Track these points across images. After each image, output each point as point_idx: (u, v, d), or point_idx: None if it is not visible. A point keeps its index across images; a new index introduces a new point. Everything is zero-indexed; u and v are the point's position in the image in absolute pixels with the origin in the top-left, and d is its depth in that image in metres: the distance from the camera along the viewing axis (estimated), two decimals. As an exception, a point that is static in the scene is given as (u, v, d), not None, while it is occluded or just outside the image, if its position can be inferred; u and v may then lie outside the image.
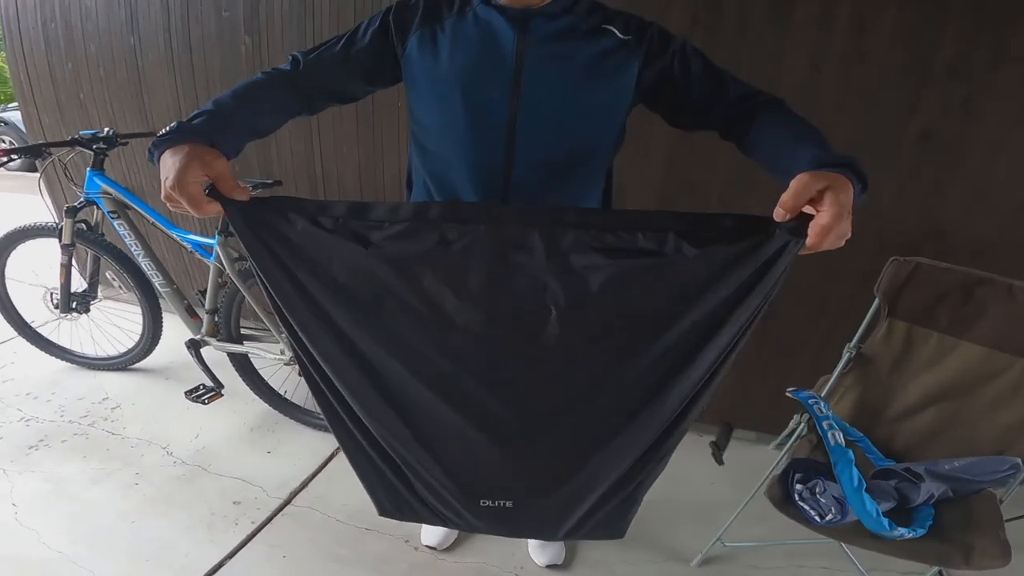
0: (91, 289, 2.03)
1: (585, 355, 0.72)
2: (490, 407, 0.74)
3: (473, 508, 0.83)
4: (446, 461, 0.79)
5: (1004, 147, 1.34)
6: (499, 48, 0.83)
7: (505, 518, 0.83)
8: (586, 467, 0.78)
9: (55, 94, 2.16)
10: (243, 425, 1.99)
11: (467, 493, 0.81)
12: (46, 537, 1.53)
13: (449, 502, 0.84)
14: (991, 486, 1.24)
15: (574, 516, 0.84)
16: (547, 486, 0.80)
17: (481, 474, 0.80)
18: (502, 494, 0.81)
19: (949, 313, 1.26)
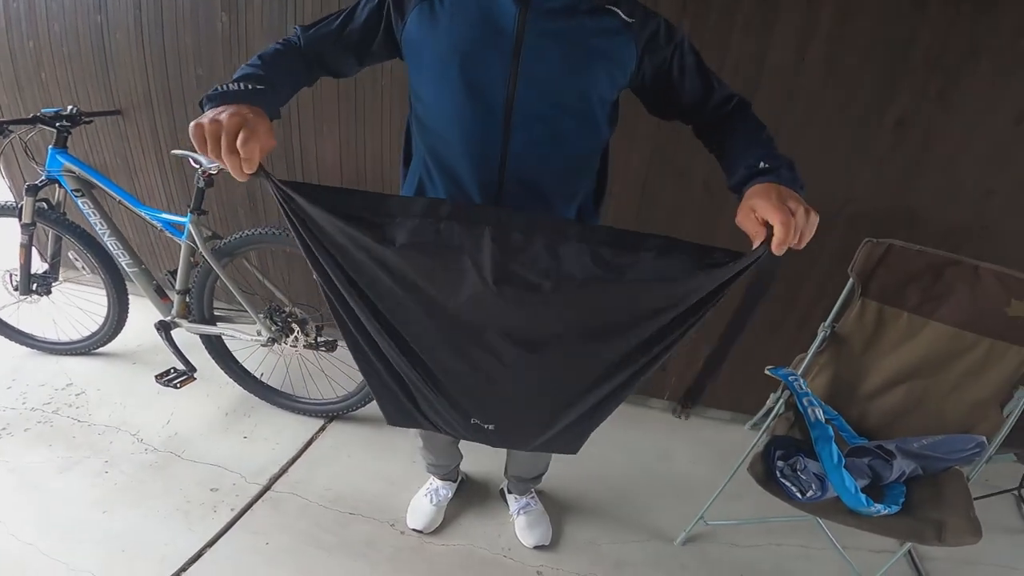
0: (52, 270, 1.97)
1: (565, 332, 0.84)
2: (485, 356, 0.88)
3: (464, 424, 1.00)
4: (448, 391, 0.95)
5: (975, 136, 1.42)
6: (499, 22, 0.84)
7: (488, 435, 1.03)
8: (553, 413, 0.96)
9: (14, 73, 2.09)
10: (217, 410, 1.96)
11: (462, 413, 0.98)
12: (14, 529, 1.49)
13: (445, 417, 1.01)
14: (958, 464, 1.32)
15: (540, 440, 1.03)
16: (522, 421, 1.00)
17: (473, 403, 0.97)
18: (487, 419, 0.99)
19: (919, 293, 1.33)
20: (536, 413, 0.96)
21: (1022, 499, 1.79)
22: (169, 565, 1.42)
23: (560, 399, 0.93)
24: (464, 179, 0.92)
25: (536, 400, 0.93)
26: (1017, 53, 1.31)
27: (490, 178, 0.91)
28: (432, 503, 1.58)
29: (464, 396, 0.95)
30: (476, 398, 0.96)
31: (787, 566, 1.54)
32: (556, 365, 0.88)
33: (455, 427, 1.03)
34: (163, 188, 2.15)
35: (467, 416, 0.98)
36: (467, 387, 0.93)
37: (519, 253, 0.75)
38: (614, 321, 0.81)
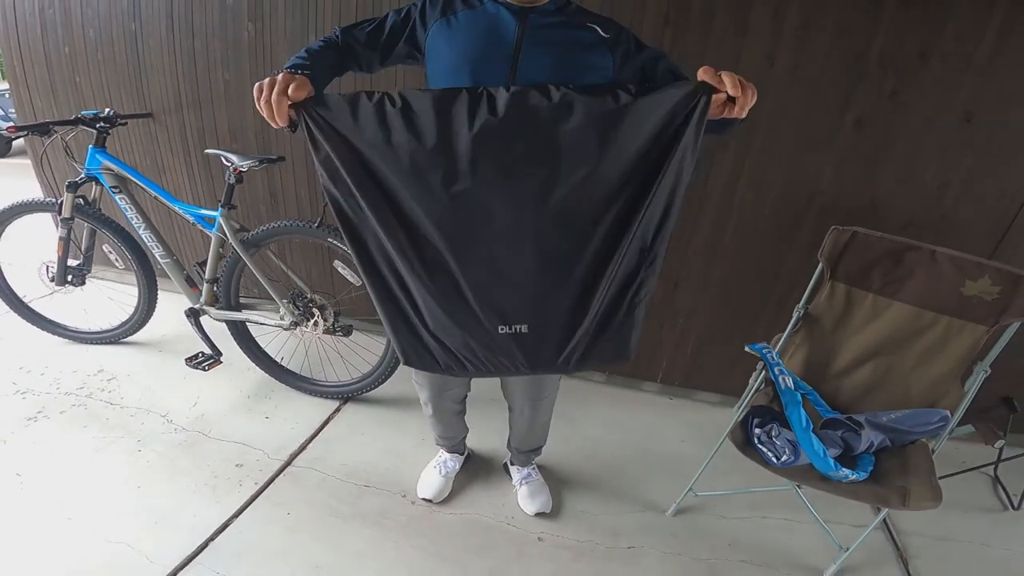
0: (86, 263, 2.13)
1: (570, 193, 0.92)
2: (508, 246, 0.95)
3: (493, 336, 1.01)
4: (476, 290, 0.98)
5: (927, 133, 1.57)
6: (502, 35, 1.06)
7: (521, 342, 1.01)
8: (579, 297, 0.99)
9: (49, 78, 2.25)
10: (240, 392, 2.12)
11: (491, 320, 0.99)
12: (53, 504, 1.62)
13: (470, 336, 1.01)
14: (924, 436, 1.44)
15: (579, 337, 1.02)
16: (554, 311, 1.00)
17: (503, 299, 0.99)
18: (520, 318, 1.00)
19: (882, 276, 1.49)
20: (564, 297, 0.98)
21: (997, 479, 1.89)
22: (199, 535, 1.54)
23: (578, 276, 0.96)
24: None
25: (557, 282, 0.96)
26: (963, 56, 1.46)
27: None
28: (441, 474, 1.73)
29: (494, 291, 0.97)
30: (506, 291, 0.97)
31: (771, 537, 1.65)
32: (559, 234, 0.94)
33: (477, 347, 1.02)
34: (190, 186, 2.31)
35: (496, 324, 0.98)
36: (493, 278, 0.96)
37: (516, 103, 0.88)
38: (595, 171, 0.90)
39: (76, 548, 1.50)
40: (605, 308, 1.01)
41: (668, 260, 1.86)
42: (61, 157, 2.21)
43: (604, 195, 0.92)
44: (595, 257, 0.96)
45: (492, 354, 1.04)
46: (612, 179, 0.91)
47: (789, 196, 1.74)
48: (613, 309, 1.02)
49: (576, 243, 0.95)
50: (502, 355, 1.04)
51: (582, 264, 0.97)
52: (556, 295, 0.99)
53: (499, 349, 1.03)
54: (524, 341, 1.01)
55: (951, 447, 1.52)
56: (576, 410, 2.12)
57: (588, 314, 0.99)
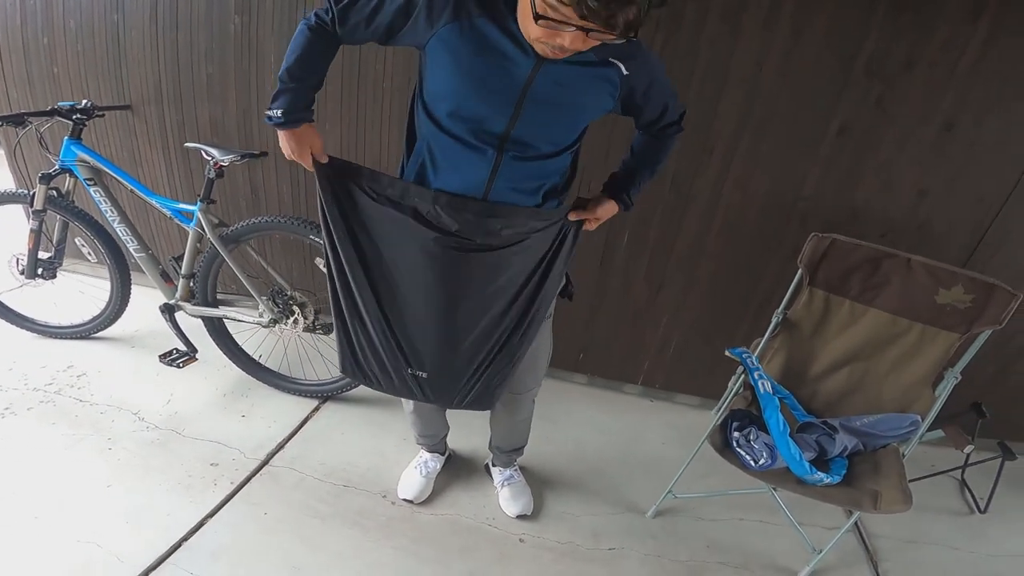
0: (57, 256, 2.07)
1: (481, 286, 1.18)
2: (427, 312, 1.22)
3: (403, 374, 1.31)
4: (400, 339, 1.28)
5: (908, 142, 1.60)
6: (516, 65, 0.94)
7: (421, 383, 1.33)
8: (466, 356, 1.28)
9: (26, 68, 2.19)
10: (215, 390, 2.07)
11: (403, 362, 1.30)
12: (21, 502, 1.56)
13: (388, 369, 1.32)
14: (895, 441, 1.47)
15: (460, 388, 1.33)
16: (444, 364, 1.30)
17: (413, 352, 1.28)
18: (420, 367, 1.30)
19: (860, 283, 1.51)
20: (455, 357, 1.27)
21: (964, 483, 1.95)
22: (172, 534, 1.51)
23: (470, 344, 1.25)
24: (457, 183, 1.07)
25: (454, 345, 1.25)
26: (947, 65, 1.49)
27: (480, 179, 1.06)
28: (422, 475, 1.71)
29: (412, 344, 1.27)
30: (418, 346, 1.27)
31: (748, 538, 1.68)
32: (468, 314, 1.21)
33: (393, 378, 1.33)
34: (167, 179, 2.26)
35: (406, 365, 1.29)
36: (413, 332, 1.26)
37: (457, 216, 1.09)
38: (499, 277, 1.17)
39: (43, 548, 1.46)
40: (479, 379, 1.33)
41: (653, 262, 1.95)
42: (35, 148, 2.16)
43: (493, 302, 1.21)
44: (478, 340, 1.25)
45: (403, 385, 1.34)
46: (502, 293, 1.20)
47: (773, 201, 1.76)
48: (486, 378, 1.33)
49: (468, 330, 1.23)
50: (409, 387, 1.34)
51: (468, 343, 1.25)
52: (448, 360, 1.28)
53: (408, 383, 1.33)
54: (423, 383, 1.33)
55: (920, 451, 1.56)
56: (558, 411, 2.12)
57: (464, 380, 1.32)
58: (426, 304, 1.21)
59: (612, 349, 2.16)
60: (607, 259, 1.98)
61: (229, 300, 2.00)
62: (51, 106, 1.82)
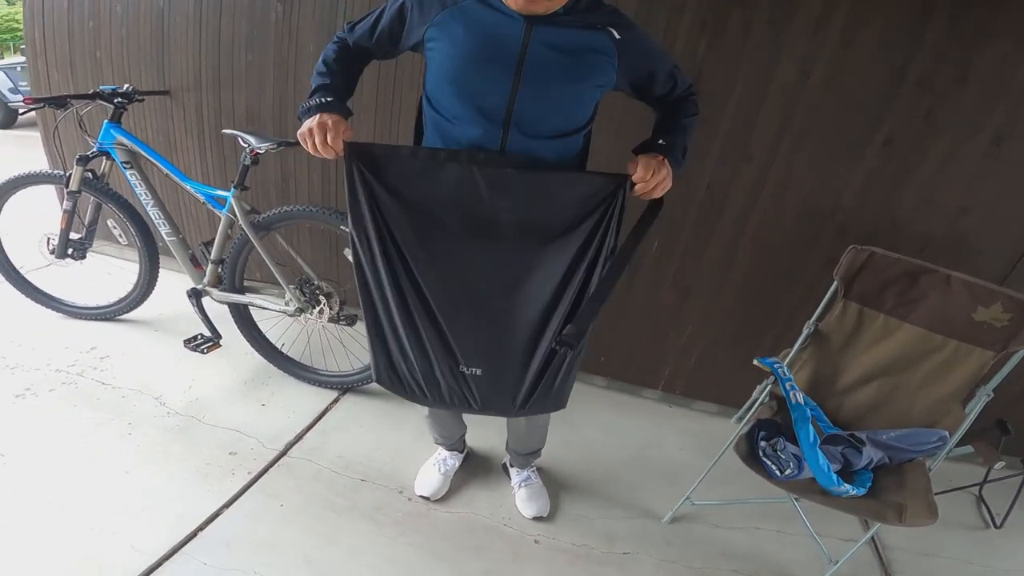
0: (88, 237, 2.04)
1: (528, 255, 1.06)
2: (475, 298, 1.09)
3: (455, 372, 1.15)
4: (447, 334, 1.12)
5: (955, 156, 1.52)
6: (508, 37, 0.96)
7: (476, 383, 1.16)
8: (528, 347, 1.12)
9: (70, 51, 2.17)
10: (237, 378, 2.01)
11: (454, 359, 1.14)
12: (36, 487, 1.51)
13: (435, 372, 1.15)
14: (922, 456, 1.40)
15: (523, 389, 1.16)
16: (504, 361, 1.14)
17: (465, 342, 1.12)
18: (474, 363, 1.14)
19: (895, 297, 1.44)
20: (512, 353, 1.12)
21: (981, 499, 1.87)
22: (187, 524, 1.46)
23: (527, 331, 1.11)
24: None
25: (510, 332, 1.11)
26: (1000, 81, 1.41)
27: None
28: (440, 472, 1.65)
29: (464, 336, 1.11)
30: (472, 337, 1.12)
31: (763, 548, 1.61)
32: (522, 297, 1.08)
33: (440, 382, 1.16)
34: (200, 165, 2.21)
35: (456, 363, 1.13)
36: (462, 323, 1.10)
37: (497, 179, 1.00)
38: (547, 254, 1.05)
39: (57, 534, 1.40)
40: (541, 367, 1.14)
41: (682, 268, 1.86)
42: (72, 130, 2.12)
43: (546, 272, 1.06)
44: (538, 323, 1.10)
45: (451, 389, 1.17)
46: (553, 260, 1.06)
47: (810, 210, 1.68)
48: (548, 368, 1.15)
49: (524, 310, 1.09)
50: (459, 390, 1.17)
51: (527, 326, 1.10)
52: (506, 350, 1.13)
53: (459, 385, 1.16)
54: (477, 383, 1.16)
55: (939, 467, 1.49)
56: (577, 414, 2.04)
57: (529, 370, 1.14)
58: (473, 289, 1.08)
59: (634, 354, 2.09)
60: (635, 263, 1.90)
61: (255, 288, 1.94)
62: (93, 89, 1.80)
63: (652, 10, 1.56)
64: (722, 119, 1.61)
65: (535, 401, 1.17)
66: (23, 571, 1.30)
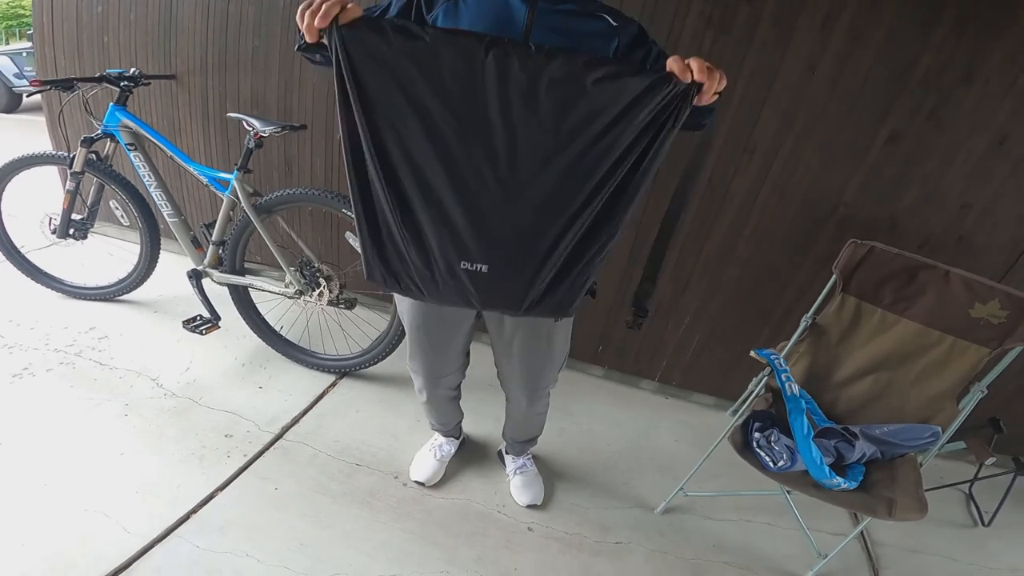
0: (90, 218, 2.00)
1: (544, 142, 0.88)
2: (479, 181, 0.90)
3: (454, 270, 0.97)
4: (445, 224, 0.94)
5: (958, 154, 1.48)
6: (511, 21, 0.96)
7: (480, 280, 0.98)
8: (542, 248, 0.95)
9: (77, 35, 2.12)
10: (234, 360, 1.97)
11: (455, 252, 0.96)
12: (31, 468, 1.47)
13: (433, 265, 0.98)
14: (914, 451, 1.37)
15: (533, 291, 0.99)
16: (515, 257, 0.96)
17: (471, 233, 0.94)
18: (481, 258, 0.96)
19: (893, 292, 1.41)
20: (528, 246, 0.95)
21: (971, 496, 1.84)
22: (181, 506, 1.42)
23: (544, 227, 0.94)
24: None
25: (526, 230, 0.94)
26: (1006, 81, 1.37)
27: None
28: (436, 458, 1.61)
29: (469, 228, 0.93)
30: (478, 231, 0.94)
31: (754, 540, 1.58)
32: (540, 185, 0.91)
33: (438, 278, 0.99)
34: (204, 148, 2.17)
35: (458, 258, 0.96)
36: (472, 217, 0.92)
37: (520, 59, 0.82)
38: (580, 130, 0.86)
39: (49, 516, 1.36)
40: (559, 270, 0.98)
41: (679, 260, 1.81)
42: (77, 113, 2.08)
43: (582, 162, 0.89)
44: (564, 218, 0.93)
45: (447, 285, 1.00)
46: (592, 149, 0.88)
47: (811, 205, 1.64)
48: (566, 272, 0.98)
49: (550, 202, 0.92)
50: (458, 288, 1.00)
51: (546, 225, 0.94)
52: (519, 245, 0.96)
53: (457, 282, 0.99)
54: (481, 280, 0.98)
55: (930, 463, 1.46)
56: (574, 403, 2.01)
57: (543, 271, 0.97)
58: (484, 181, 0.91)
59: (631, 344, 2.05)
60: (634, 254, 1.86)
61: (255, 270, 1.88)
62: (100, 73, 1.76)
63: (659, 4, 1.52)
64: (726, 112, 1.57)
65: (545, 304, 1.01)
66: (15, 552, 1.26)
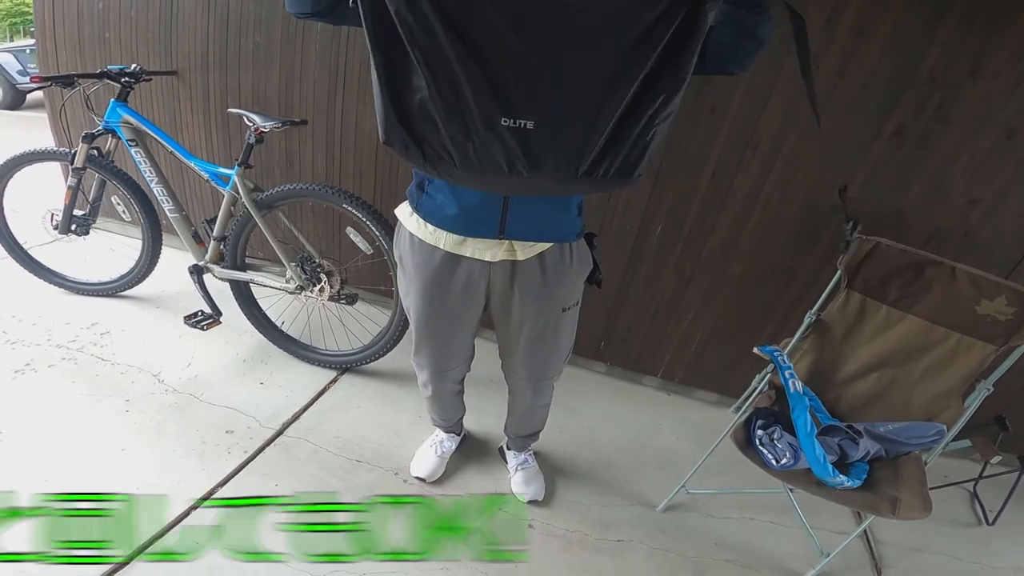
0: (92, 213, 2.00)
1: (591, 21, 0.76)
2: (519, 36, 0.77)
3: (495, 126, 0.82)
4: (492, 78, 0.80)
5: (964, 149, 1.46)
6: None
7: (525, 138, 0.83)
8: (599, 96, 0.81)
9: (78, 31, 2.11)
10: (236, 356, 1.96)
11: (498, 107, 0.81)
12: (32, 464, 1.46)
13: (468, 123, 0.83)
14: (918, 449, 1.35)
15: (590, 150, 0.84)
16: (566, 113, 0.82)
17: (512, 91, 0.80)
18: (528, 112, 0.81)
19: (899, 289, 1.38)
20: (580, 103, 0.82)
21: (976, 495, 1.82)
22: (181, 503, 1.41)
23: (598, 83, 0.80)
24: None
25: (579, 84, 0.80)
26: (1014, 75, 1.35)
27: None
28: (437, 454, 1.60)
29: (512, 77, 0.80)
30: (524, 79, 0.80)
31: (757, 539, 1.56)
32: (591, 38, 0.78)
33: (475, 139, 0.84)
34: (206, 144, 2.16)
35: (500, 112, 0.81)
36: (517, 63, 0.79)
37: None
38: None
39: None
40: (617, 126, 0.83)
41: (684, 254, 1.78)
42: (78, 109, 2.07)
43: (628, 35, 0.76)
44: (620, 68, 0.79)
45: (488, 146, 0.84)
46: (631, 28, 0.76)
47: (815, 200, 1.62)
48: (627, 130, 0.84)
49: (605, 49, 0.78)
50: (500, 148, 0.84)
51: (606, 73, 0.79)
52: (572, 98, 0.81)
53: (499, 140, 0.83)
54: (527, 138, 0.83)
55: (935, 462, 1.44)
56: (576, 399, 2.00)
57: (598, 124, 0.82)
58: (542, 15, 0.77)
59: (634, 340, 2.03)
60: (637, 248, 1.84)
61: (257, 266, 1.88)
62: (100, 69, 1.75)
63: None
64: (730, 106, 1.55)
65: (606, 164, 0.86)
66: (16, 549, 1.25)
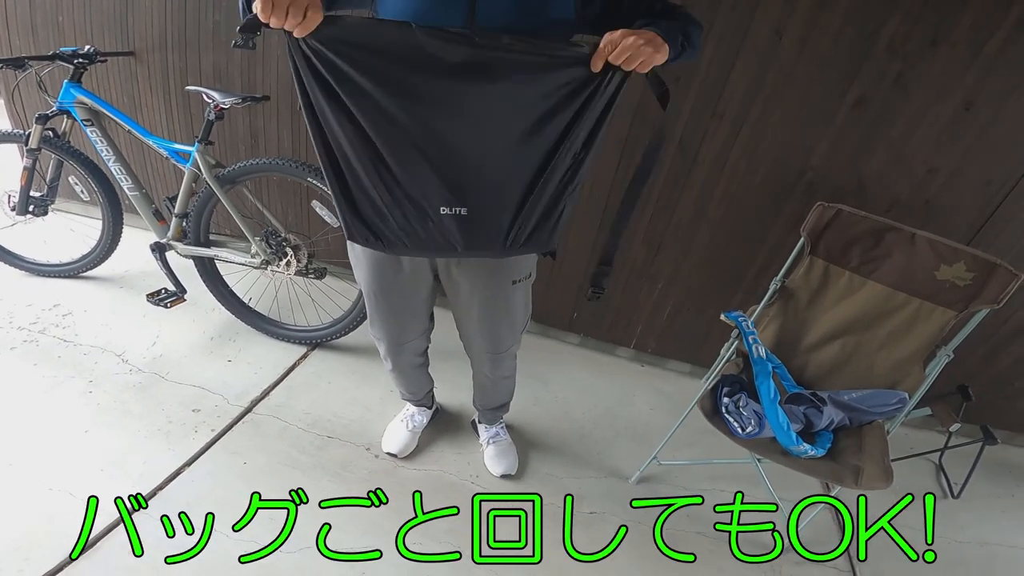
0: (50, 194, 1.95)
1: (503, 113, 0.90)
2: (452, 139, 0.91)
3: (435, 216, 0.96)
4: (422, 176, 0.93)
5: (924, 119, 1.47)
6: None
7: (461, 223, 0.97)
8: (518, 186, 0.96)
9: (31, 17, 2.05)
10: (202, 334, 1.93)
11: (436, 199, 0.95)
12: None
13: (412, 215, 0.97)
14: (881, 417, 1.38)
15: (512, 230, 0.99)
16: (491, 199, 0.97)
17: (450, 178, 0.94)
18: (459, 203, 0.96)
19: (860, 255, 1.40)
20: (503, 190, 0.97)
21: (941, 467, 1.85)
22: (147, 483, 1.39)
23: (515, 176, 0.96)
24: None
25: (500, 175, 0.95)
26: (973, 47, 1.36)
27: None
28: (408, 429, 1.59)
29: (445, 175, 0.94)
30: (455, 175, 0.94)
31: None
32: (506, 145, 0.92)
33: (418, 227, 0.98)
34: (167, 123, 2.11)
35: (439, 205, 0.96)
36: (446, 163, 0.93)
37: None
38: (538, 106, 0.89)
39: (14, 496, 1.33)
40: (540, 205, 0.98)
41: (652, 224, 1.79)
42: (33, 92, 2.00)
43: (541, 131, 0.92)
44: (532, 170, 0.95)
45: (430, 234, 0.99)
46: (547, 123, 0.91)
47: (780, 168, 1.63)
48: (545, 207, 0.99)
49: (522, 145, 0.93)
50: (440, 235, 0.99)
51: (524, 162, 0.94)
52: (496, 186, 0.96)
53: (440, 228, 0.98)
54: (462, 223, 0.97)
55: (901, 432, 1.45)
56: (549, 371, 2.00)
57: (523, 208, 0.98)
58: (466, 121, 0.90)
59: (606, 311, 2.04)
60: (607, 218, 1.84)
61: (221, 242, 1.85)
62: (52, 52, 1.70)
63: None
64: (694, 76, 1.55)
65: (527, 240, 1.01)
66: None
